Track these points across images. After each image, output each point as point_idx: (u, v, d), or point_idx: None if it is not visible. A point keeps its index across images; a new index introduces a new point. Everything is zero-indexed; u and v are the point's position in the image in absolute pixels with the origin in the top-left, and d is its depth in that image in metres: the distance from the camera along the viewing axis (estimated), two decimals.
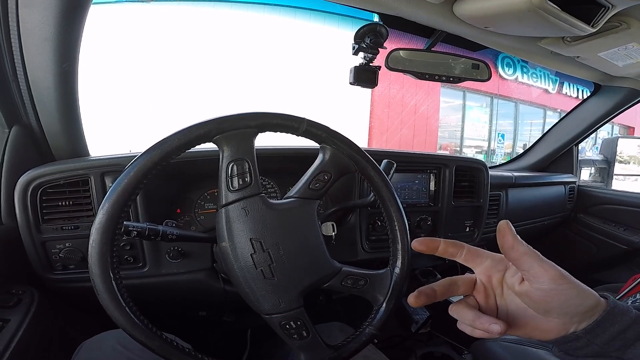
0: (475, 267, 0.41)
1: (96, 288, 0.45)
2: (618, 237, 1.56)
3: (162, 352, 0.47)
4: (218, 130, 0.51)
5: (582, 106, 1.59)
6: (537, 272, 0.34)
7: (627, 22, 0.82)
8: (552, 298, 0.35)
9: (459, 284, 0.41)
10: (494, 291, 0.40)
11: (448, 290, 0.40)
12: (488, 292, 0.41)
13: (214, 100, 5.44)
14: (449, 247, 0.40)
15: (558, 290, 0.34)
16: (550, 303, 0.35)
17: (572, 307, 0.35)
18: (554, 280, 0.34)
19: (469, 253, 0.40)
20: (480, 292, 0.41)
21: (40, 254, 0.76)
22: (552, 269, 0.34)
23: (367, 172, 0.59)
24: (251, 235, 0.52)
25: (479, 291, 0.41)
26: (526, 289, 0.36)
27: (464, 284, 0.41)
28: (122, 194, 0.47)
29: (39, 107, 0.76)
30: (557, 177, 1.67)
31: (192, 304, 1.09)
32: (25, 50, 0.67)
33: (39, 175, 0.74)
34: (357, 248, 0.99)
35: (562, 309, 0.35)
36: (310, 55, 6.38)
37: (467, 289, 0.41)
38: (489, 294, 0.40)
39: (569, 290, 0.34)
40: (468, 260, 0.41)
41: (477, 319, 0.37)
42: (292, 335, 0.54)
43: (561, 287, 0.34)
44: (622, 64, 1.08)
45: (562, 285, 0.34)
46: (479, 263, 0.40)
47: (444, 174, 1.10)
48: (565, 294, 0.34)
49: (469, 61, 0.99)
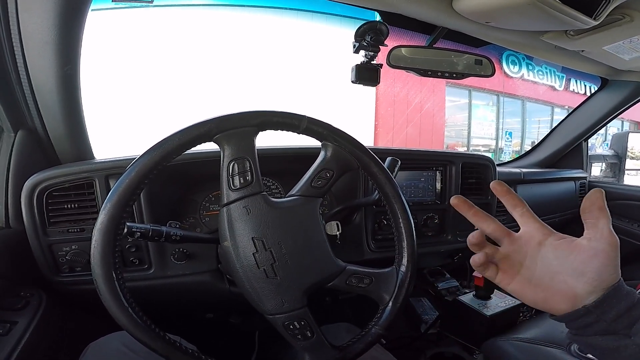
0: (525, 225, 0.45)
1: (99, 289, 0.46)
2: (632, 233, 1.53)
3: (165, 353, 0.47)
4: (218, 129, 0.51)
5: (590, 101, 1.57)
6: (604, 233, 0.39)
7: (630, 14, 0.81)
8: (597, 259, 0.38)
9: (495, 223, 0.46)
10: (527, 250, 0.44)
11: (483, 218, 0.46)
12: (519, 247, 0.44)
13: (218, 102, 5.49)
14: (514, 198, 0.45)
15: (607, 255, 0.38)
16: (592, 263, 0.38)
17: (604, 274, 0.38)
18: (611, 245, 0.38)
19: (527, 212, 0.45)
20: (512, 243, 0.45)
21: (47, 257, 0.77)
22: (614, 236, 0.39)
23: (370, 169, 0.59)
24: (253, 234, 0.52)
25: (512, 242, 0.45)
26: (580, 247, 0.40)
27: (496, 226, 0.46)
28: (124, 195, 0.47)
29: (43, 111, 0.77)
30: (567, 172, 1.64)
31: (198, 305, 1.09)
32: (27, 54, 0.68)
33: (45, 178, 0.75)
34: (363, 248, 0.98)
35: (596, 272, 0.38)
36: (313, 56, 6.40)
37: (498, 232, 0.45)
38: (518, 250, 0.44)
39: (612, 259, 0.38)
40: (523, 216, 0.45)
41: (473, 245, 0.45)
42: (296, 335, 0.54)
43: (611, 253, 0.38)
44: (628, 57, 1.06)
45: (612, 252, 0.38)
46: (530, 223, 0.44)
47: (450, 171, 1.08)
48: (608, 260, 0.38)
49: (471, 57, 0.98)
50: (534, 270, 0.43)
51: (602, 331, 0.38)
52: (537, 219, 0.44)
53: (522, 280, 0.44)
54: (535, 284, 0.43)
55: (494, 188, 0.46)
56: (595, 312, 0.38)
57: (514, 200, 0.45)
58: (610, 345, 0.38)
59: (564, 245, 0.41)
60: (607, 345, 0.38)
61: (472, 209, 0.47)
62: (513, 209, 0.45)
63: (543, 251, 0.43)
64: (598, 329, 0.38)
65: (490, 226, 0.46)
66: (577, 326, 0.40)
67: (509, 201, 0.45)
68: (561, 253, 0.41)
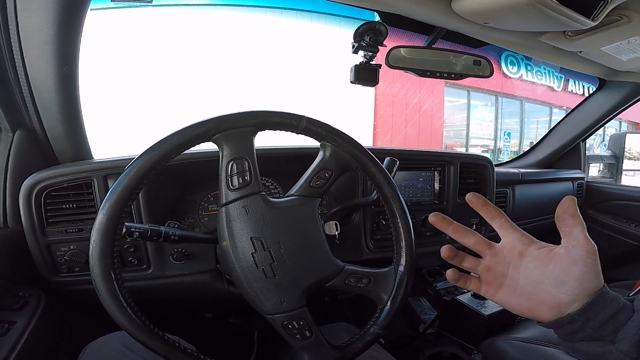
0: (505, 236, 0.45)
1: (97, 289, 0.46)
2: (629, 233, 1.54)
3: (163, 353, 0.47)
4: (217, 130, 0.51)
5: (588, 102, 1.57)
6: (580, 240, 0.39)
7: (627, 15, 0.81)
8: (577, 267, 0.39)
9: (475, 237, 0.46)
10: (509, 261, 0.44)
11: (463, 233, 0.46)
12: (501, 259, 0.45)
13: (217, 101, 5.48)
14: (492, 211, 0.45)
15: (585, 262, 0.39)
16: (572, 272, 0.39)
17: (585, 282, 0.39)
18: (588, 252, 0.39)
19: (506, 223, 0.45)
20: (495, 255, 0.45)
21: (46, 257, 0.76)
22: (591, 243, 0.39)
23: (368, 169, 0.59)
24: (252, 234, 0.52)
25: (494, 254, 0.45)
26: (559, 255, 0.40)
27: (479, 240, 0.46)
28: (122, 195, 0.47)
29: (42, 110, 0.77)
30: (565, 173, 1.65)
31: (197, 306, 1.09)
32: (26, 54, 0.68)
33: (43, 178, 0.74)
34: (361, 248, 0.98)
35: (577, 281, 0.39)
36: (313, 56, 6.40)
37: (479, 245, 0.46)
38: (500, 261, 0.45)
39: (591, 266, 0.39)
40: (502, 227, 0.45)
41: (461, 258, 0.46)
42: (295, 335, 0.54)
43: (588, 260, 0.39)
44: (626, 58, 1.06)
45: (590, 259, 0.39)
46: (510, 234, 0.44)
47: (448, 172, 1.09)
48: (587, 267, 0.39)
49: (470, 57, 0.98)
50: (517, 281, 0.43)
51: (588, 337, 0.39)
52: (516, 228, 0.45)
53: (506, 290, 0.44)
54: (519, 294, 0.43)
55: (470, 200, 0.46)
56: (580, 319, 0.39)
57: (492, 211, 0.45)
58: (596, 352, 0.39)
59: (544, 254, 0.42)
60: (592, 351, 0.39)
61: (451, 225, 0.47)
62: (492, 220, 0.45)
63: (525, 261, 0.43)
64: (584, 335, 0.39)
65: (470, 240, 0.46)
66: (563, 333, 0.41)
67: (487, 213, 0.45)
68: (541, 262, 0.42)
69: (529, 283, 0.42)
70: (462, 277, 0.46)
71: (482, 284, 0.46)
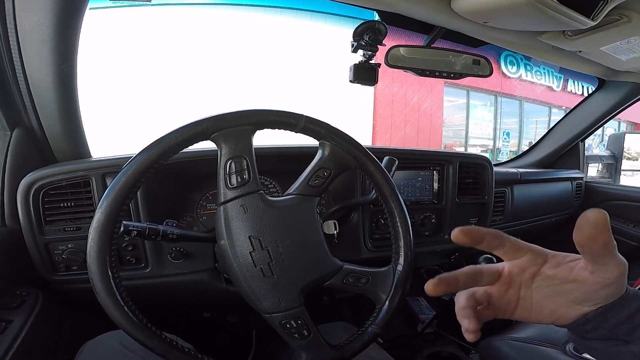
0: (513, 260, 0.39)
1: (95, 287, 0.46)
2: (628, 233, 1.54)
3: (161, 351, 0.47)
4: (215, 128, 0.51)
5: (587, 102, 1.57)
6: (610, 267, 0.34)
7: (627, 15, 0.81)
8: (606, 289, 0.35)
9: (484, 274, 0.39)
10: (521, 282, 0.39)
11: (472, 280, 0.39)
12: (513, 283, 0.39)
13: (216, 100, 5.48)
14: (493, 240, 0.37)
15: (614, 285, 0.35)
16: (598, 294, 0.35)
17: (612, 298, 0.36)
18: (619, 276, 0.34)
19: (511, 247, 0.38)
20: (504, 283, 0.40)
21: (44, 256, 0.76)
22: (622, 266, 0.34)
23: (367, 168, 0.59)
24: (250, 232, 0.52)
25: (503, 282, 0.40)
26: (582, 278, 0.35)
27: (489, 274, 0.39)
28: (120, 193, 0.47)
29: (40, 109, 0.77)
30: (564, 173, 1.65)
31: (196, 304, 1.09)
32: (24, 53, 0.68)
33: (41, 177, 0.74)
34: (360, 247, 0.98)
35: (604, 299, 0.36)
36: (312, 56, 6.40)
37: (492, 279, 0.40)
38: (512, 285, 0.39)
39: (620, 286, 0.35)
40: (508, 253, 0.39)
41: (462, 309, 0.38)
42: (293, 334, 0.54)
43: (621, 282, 0.35)
44: (625, 58, 1.06)
45: (622, 278, 0.34)
46: (519, 257, 0.39)
47: (447, 171, 1.08)
48: (617, 288, 0.35)
49: (469, 57, 0.98)
50: (531, 299, 0.39)
51: (602, 336, 0.37)
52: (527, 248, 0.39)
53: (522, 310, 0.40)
54: (536, 310, 0.39)
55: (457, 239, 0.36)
56: (595, 320, 0.36)
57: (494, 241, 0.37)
58: (608, 351, 0.37)
59: (562, 274, 0.37)
60: (604, 350, 0.38)
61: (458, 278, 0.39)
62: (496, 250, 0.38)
63: (537, 280, 0.39)
64: (598, 334, 0.37)
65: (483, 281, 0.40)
66: (577, 331, 0.39)
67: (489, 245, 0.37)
68: (558, 281, 0.37)
69: (544, 299, 0.39)
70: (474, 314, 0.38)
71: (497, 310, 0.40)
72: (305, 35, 6.54)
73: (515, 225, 1.38)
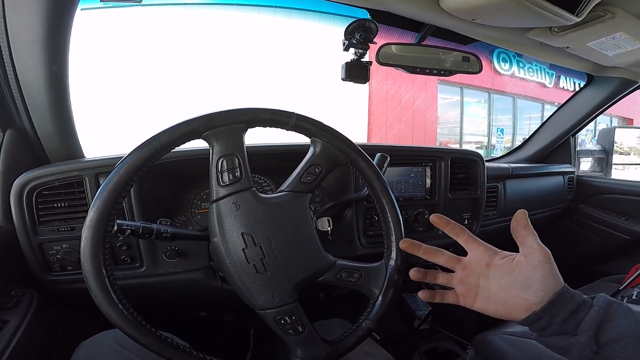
0: (470, 250, 0.51)
1: (89, 286, 0.46)
2: (620, 227, 1.56)
3: (156, 349, 0.47)
4: (207, 127, 0.51)
5: (577, 97, 1.59)
6: (535, 249, 0.45)
7: (611, 11, 0.83)
8: (537, 272, 0.45)
9: (445, 255, 0.52)
10: (479, 271, 0.50)
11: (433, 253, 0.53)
12: (471, 271, 0.50)
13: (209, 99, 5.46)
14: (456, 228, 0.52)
15: (543, 267, 0.44)
16: (534, 277, 0.45)
17: (547, 284, 0.44)
18: (545, 257, 0.45)
19: (469, 237, 0.51)
20: (464, 268, 0.51)
21: (38, 256, 0.76)
22: (545, 250, 0.45)
23: (358, 164, 0.60)
24: (242, 229, 0.52)
25: (463, 267, 0.51)
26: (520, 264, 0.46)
27: (448, 257, 0.52)
28: (112, 192, 0.47)
29: (32, 110, 0.77)
30: (555, 167, 1.67)
31: (192, 303, 1.09)
32: (15, 53, 0.68)
33: (34, 177, 0.74)
34: (354, 244, 0.99)
35: (540, 283, 0.44)
36: (306, 54, 6.39)
37: (449, 262, 0.52)
38: (471, 273, 0.50)
39: (550, 270, 0.45)
40: (467, 242, 0.51)
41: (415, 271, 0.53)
42: (288, 330, 0.54)
43: (546, 265, 0.45)
44: (612, 53, 1.08)
45: (547, 263, 0.45)
46: (475, 247, 0.51)
47: (439, 167, 1.10)
48: (546, 271, 0.44)
49: (459, 54, 0.99)
50: (489, 289, 0.49)
51: (555, 332, 0.44)
52: (480, 242, 0.51)
53: (482, 299, 0.49)
54: (494, 301, 0.48)
55: (434, 222, 0.52)
56: (545, 316, 0.44)
57: (455, 229, 0.52)
58: (562, 344, 0.44)
59: (507, 263, 0.47)
60: (560, 344, 0.44)
61: (420, 248, 0.53)
62: (457, 237, 0.51)
63: (492, 271, 0.49)
64: (552, 330, 0.44)
65: (441, 258, 0.52)
66: (535, 329, 0.46)
67: (451, 231, 0.52)
68: (507, 270, 0.47)
69: (499, 289, 0.48)
70: (437, 293, 0.52)
71: (459, 295, 0.51)
72: (298, 34, 6.53)
73: (508, 220, 1.39)
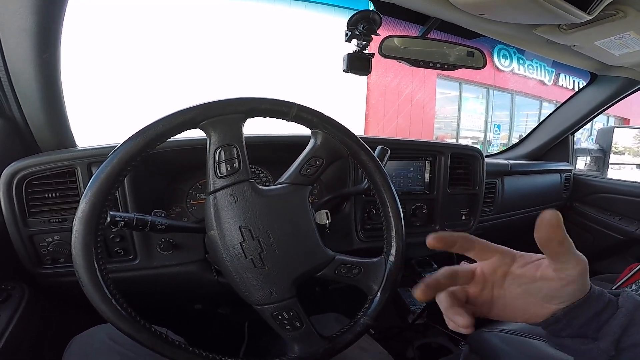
0: (484, 261, 0.42)
1: (81, 280, 0.44)
2: (614, 226, 1.56)
3: (150, 345, 0.46)
4: (204, 116, 0.50)
5: (578, 95, 1.58)
6: (571, 265, 0.36)
7: (623, 10, 0.81)
8: (567, 287, 0.37)
9: (459, 274, 0.42)
10: (493, 282, 0.42)
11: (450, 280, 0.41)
12: (486, 282, 0.42)
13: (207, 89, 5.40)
14: (464, 243, 0.41)
15: (577, 282, 0.37)
16: (563, 291, 0.38)
17: (577, 295, 0.38)
18: (580, 274, 0.36)
19: (480, 249, 0.41)
20: (478, 282, 0.42)
21: (28, 248, 0.74)
22: (583, 262, 0.36)
23: (359, 157, 0.58)
24: (240, 222, 0.51)
25: (476, 282, 0.42)
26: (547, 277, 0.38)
27: (463, 274, 0.42)
28: (105, 183, 0.45)
29: (21, 98, 0.74)
30: (553, 165, 1.67)
31: (186, 296, 1.08)
32: (4, 42, 0.65)
33: (24, 167, 0.72)
34: (352, 237, 0.98)
35: (569, 296, 0.38)
36: (306, 45, 6.34)
37: (466, 279, 0.42)
38: (486, 284, 0.42)
39: (582, 283, 0.37)
40: (478, 255, 0.42)
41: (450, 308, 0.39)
42: (285, 326, 0.53)
43: (581, 279, 0.37)
44: (618, 53, 1.07)
45: (583, 276, 0.37)
46: (488, 257, 0.41)
47: (439, 162, 1.09)
48: (579, 284, 0.37)
49: (463, 49, 0.97)
50: (504, 298, 0.42)
51: (572, 334, 0.39)
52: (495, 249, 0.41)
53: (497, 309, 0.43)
54: (510, 309, 0.42)
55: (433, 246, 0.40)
56: (564, 320, 0.39)
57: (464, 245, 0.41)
58: (578, 348, 0.39)
59: (529, 272, 0.39)
60: (575, 347, 0.40)
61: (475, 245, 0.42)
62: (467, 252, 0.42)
63: (508, 279, 0.41)
64: (569, 332, 0.39)
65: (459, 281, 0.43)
66: (549, 331, 0.41)
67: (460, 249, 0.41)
68: (527, 280, 0.40)
69: (516, 298, 0.41)
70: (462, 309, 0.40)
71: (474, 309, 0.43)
72: (299, 25, 6.47)
73: (505, 217, 1.40)
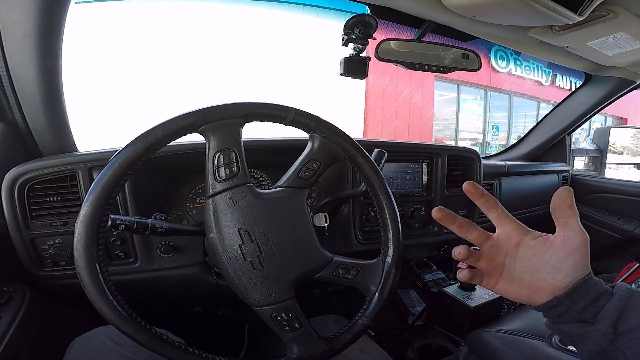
0: (501, 227, 0.47)
1: (82, 282, 0.45)
2: (612, 226, 1.57)
3: (151, 346, 0.47)
4: (203, 121, 0.50)
5: (574, 96, 1.60)
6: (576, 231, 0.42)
7: (614, 11, 0.83)
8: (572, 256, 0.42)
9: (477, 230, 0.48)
10: (507, 250, 0.46)
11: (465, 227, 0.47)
12: (499, 249, 0.47)
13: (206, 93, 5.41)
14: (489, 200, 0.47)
15: (580, 251, 0.41)
16: (568, 260, 0.42)
17: (578, 269, 0.42)
18: (583, 242, 0.42)
19: (502, 213, 0.47)
20: (493, 246, 0.47)
21: (30, 251, 0.75)
22: (585, 234, 0.42)
23: (356, 160, 0.59)
24: (239, 225, 0.52)
25: (492, 245, 0.47)
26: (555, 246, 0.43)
27: (478, 233, 0.47)
28: (107, 186, 0.46)
29: (24, 103, 0.75)
30: (550, 165, 1.68)
31: (186, 299, 1.08)
32: (6, 47, 0.66)
33: (26, 171, 0.73)
34: (350, 239, 0.98)
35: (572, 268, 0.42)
36: (304, 49, 6.36)
37: (479, 238, 0.48)
38: (499, 251, 0.47)
39: (584, 255, 0.42)
40: (499, 217, 0.47)
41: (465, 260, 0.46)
42: (284, 327, 0.54)
43: (583, 250, 0.42)
44: (611, 53, 1.08)
45: (584, 248, 0.42)
46: (506, 224, 0.46)
47: (436, 164, 1.10)
48: (581, 256, 0.42)
49: (458, 51, 0.98)
50: (514, 269, 0.46)
51: (572, 319, 0.42)
52: (512, 219, 0.47)
53: (505, 280, 0.46)
54: (517, 282, 0.45)
55: (468, 190, 0.47)
56: (566, 302, 0.42)
57: (489, 202, 0.47)
58: (578, 332, 0.42)
59: (540, 243, 0.44)
60: (575, 332, 0.42)
61: (456, 220, 0.48)
62: (489, 210, 0.47)
63: (521, 250, 0.45)
64: (570, 317, 0.42)
65: (473, 234, 0.48)
66: (551, 315, 0.44)
67: (484, 204, 0.47)
68: (538, 251, 0.44)
69: (526, 271, 0.45)
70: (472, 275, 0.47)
71: (484, 275, 0.47)
72: (296, 29, 6.49)
73: None
